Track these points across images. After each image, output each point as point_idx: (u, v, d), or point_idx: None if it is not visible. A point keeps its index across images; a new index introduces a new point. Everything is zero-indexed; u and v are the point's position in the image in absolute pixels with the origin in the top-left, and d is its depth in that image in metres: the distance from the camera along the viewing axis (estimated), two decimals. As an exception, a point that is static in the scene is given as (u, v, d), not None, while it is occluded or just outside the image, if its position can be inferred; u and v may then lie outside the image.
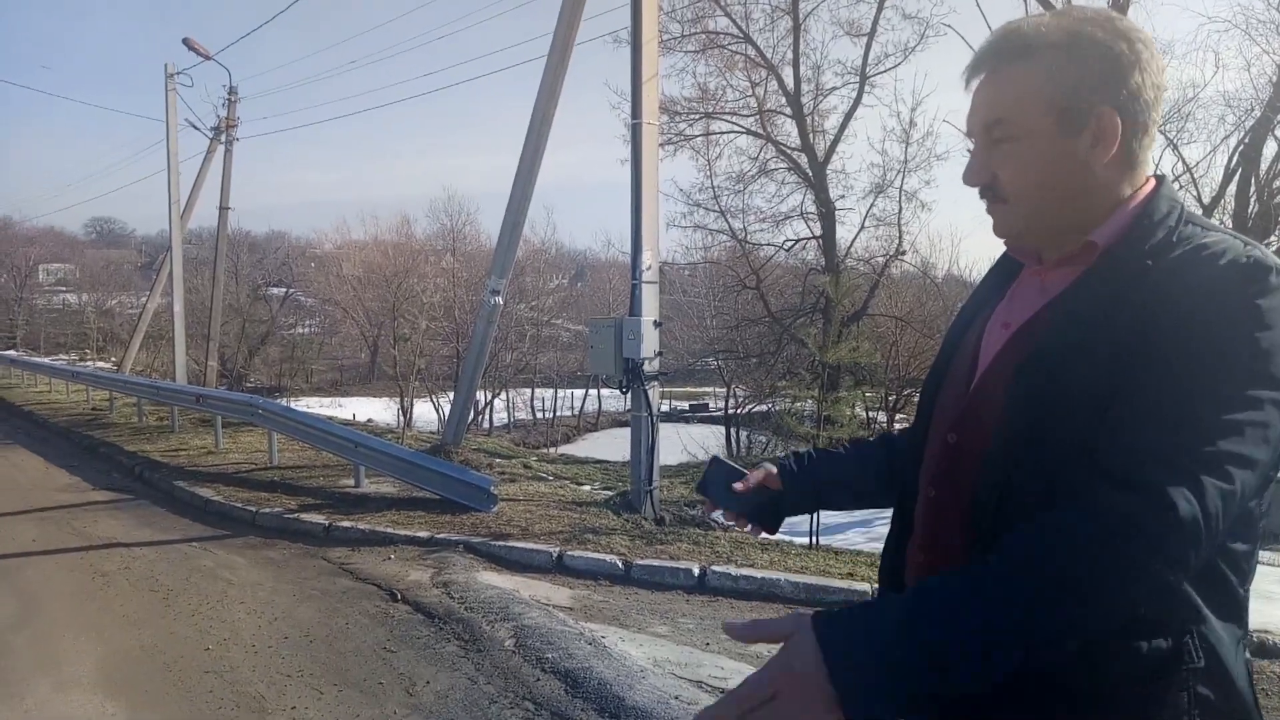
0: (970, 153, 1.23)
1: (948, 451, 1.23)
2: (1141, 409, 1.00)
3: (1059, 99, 1.12)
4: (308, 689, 4.19)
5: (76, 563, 6.53)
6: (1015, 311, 1.23)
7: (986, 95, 1.17)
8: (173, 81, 18.87)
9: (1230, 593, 1.07)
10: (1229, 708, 1.05)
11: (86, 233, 77.22)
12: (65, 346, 40.70)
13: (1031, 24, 1.15)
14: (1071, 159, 1.14)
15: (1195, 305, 1.02)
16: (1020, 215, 1.17)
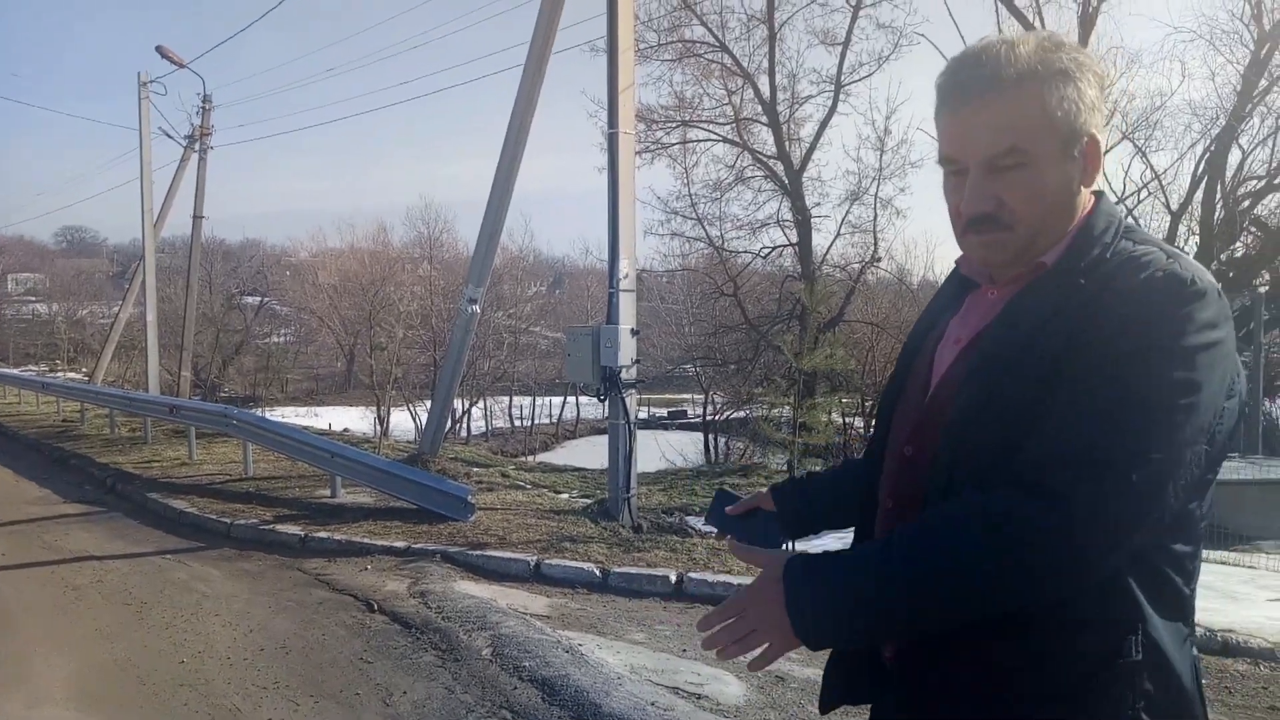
0: (952, 180, 1.22)
1: (905, 464, 1.27)
2: (1059, 416, 1.06)
3: (1062, 125, 1.15)
4: (284, 700, 4.18)
5: (48, 576, 6.46)
6: (966, 328, 1.28)
7: (992, 123, 1.15)
8: (146, 90, 18.74)
9: (1174, 592, 1.13)
10: (1172, 701, 1.11)
11: (57, 242, 76.30)
12: (35, 357, 40.13)
13: (1015, 52, 1.15)
14: (1068, 183, 1.18)
15: (1116, 316, 1.07)
16: (1024, 239, 1.19)
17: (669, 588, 5.93)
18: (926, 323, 1.39)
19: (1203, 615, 5.67)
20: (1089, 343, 1.07)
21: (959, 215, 1.21)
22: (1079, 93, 1.15)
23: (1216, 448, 1.09)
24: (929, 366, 1.30)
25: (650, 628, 5.25)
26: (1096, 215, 1.20)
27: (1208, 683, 4.69)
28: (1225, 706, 4.45)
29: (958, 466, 1.15)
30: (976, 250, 1.23)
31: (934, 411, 1.24)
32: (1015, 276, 1.23)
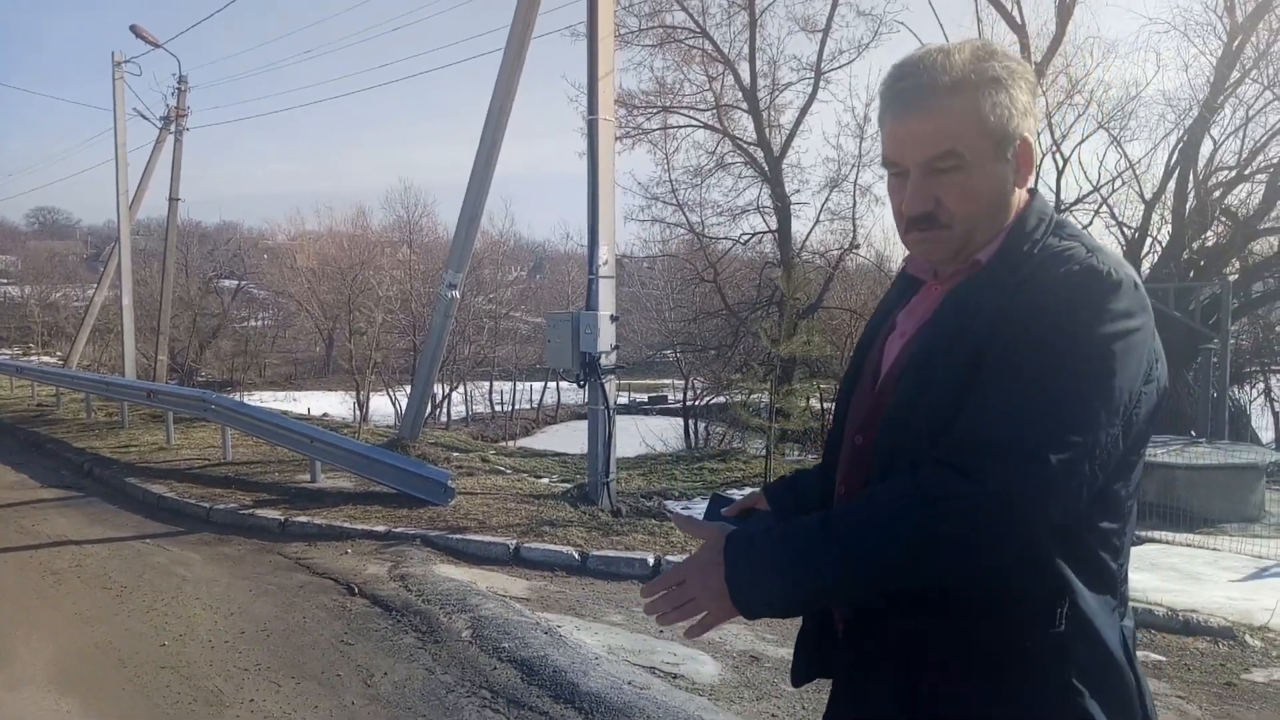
0: (894, 182, 1.28)
1: (855, 453, 1.35)
2: (981, 401, 1.14)
3: (994, 130, 1.23)
4: (266, 682, 4.23)
5: (25, 561, 6.46)
6: (910, 321, 1.36)
7: (929, 129, 1.22)
8: (120, 70, 18.48)
9: (1102, 567, 1.21)
10: (1101, 668, 1.20)
11: (29, 223, 75.13)
12: (8, 341, 39.59)
13: (950, 60, 1.23)
14: (1003, 184, 1.26)
15: (1037, 308, 1.15)
16: (959, 238, 1.26)
17: (647, 570, 6.02)
18: (879, 318, 1.47)
19: (1166, 596, 5.84)
20: (1011, 333, 1.15)
21: (901, 215, 1.28)
22: (1011, 99, 1.23)
23: (1135, 430, 1.17)
24: (879, 359, 1.38)
25: (628, 609, 5.34)
26: (1029, 213, 1.28)
27: (1168, 660, 4.86)
28: (1184, 683, 4.60)
29: (896, 452, 1.23)
30: (918, 247, 1.31)
31: (881, 402, 1.32)
32: (955, 272, 1.31)
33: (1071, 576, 1.18)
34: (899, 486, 1.15)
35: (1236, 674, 4.68)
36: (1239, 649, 5.06)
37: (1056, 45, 15.31)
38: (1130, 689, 1.22)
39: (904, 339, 1.34)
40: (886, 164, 1.29)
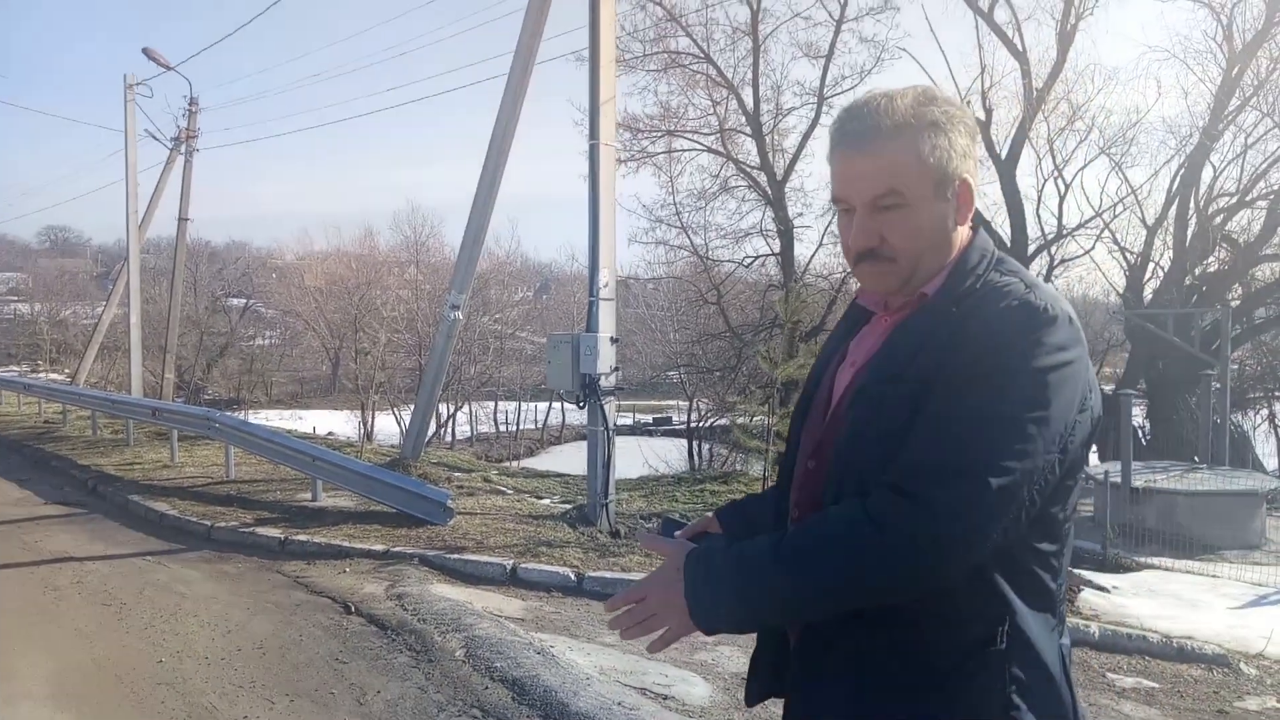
0: (844, 219, 1.35)
1: (807, 477, 1.41)
2: (924, 429, 1.21)
3: (934, 170, 1.30)
4: (260, 699, 4.27)
5: (27, 577, 6.52)
6: (860, 351, 1.42)
7: (873, 168, 1.29)
8: (132, 92, 18.75)
9: (1040, 586, 1.28)
10: (1041, 685, 1.25)
11: (40, 241, 75.74)
12: (17, 357, 39.82)
13: (893, 105, 1.30)
14: (944, 221, 1.34)
15: (976, 341, 1.22)
16: (905, 271, 1.33)
17: (642, 592, 6.05)
18: (831, 347, 1.53)
19: (1163, 622, 5.84)
20: (953, 364, 1.22)
21: (848, 249, 1.36)
22: (950, 142, 1.31)
23: (1070, 457, 1.23)
24: (830, 387, 1.44)
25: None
26: (971, 249, 1.35)
27: (1161, 687, 4.87)
28: (1176, 710, 4.60)
29: (846, 477, 1.29)
30: (868, 281, 1.39)
31: (832, 428, 1.38)
32: (903, 305, 1.38)
33: (1012, 596, 1.24)
34: (847, 509, 1.22)
35: (1230, 701, 4.69)
36: (1233, 676, 5.06)
37: (1058, 72, 15.46)
38: (1067, 706, 1.28)
39: (854, 368, 1.40)
40: (835, 201, 1.36)
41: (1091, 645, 5.44)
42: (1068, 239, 16.95)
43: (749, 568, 1.25)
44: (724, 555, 1.29)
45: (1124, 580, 7.14)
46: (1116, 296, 18.08)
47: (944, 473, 1.16)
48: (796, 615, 1.32)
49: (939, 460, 1.17)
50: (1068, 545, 1.31)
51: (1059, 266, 17.48)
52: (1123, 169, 16.54)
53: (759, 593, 1.24)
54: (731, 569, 1.26)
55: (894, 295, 1.38)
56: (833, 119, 1.38)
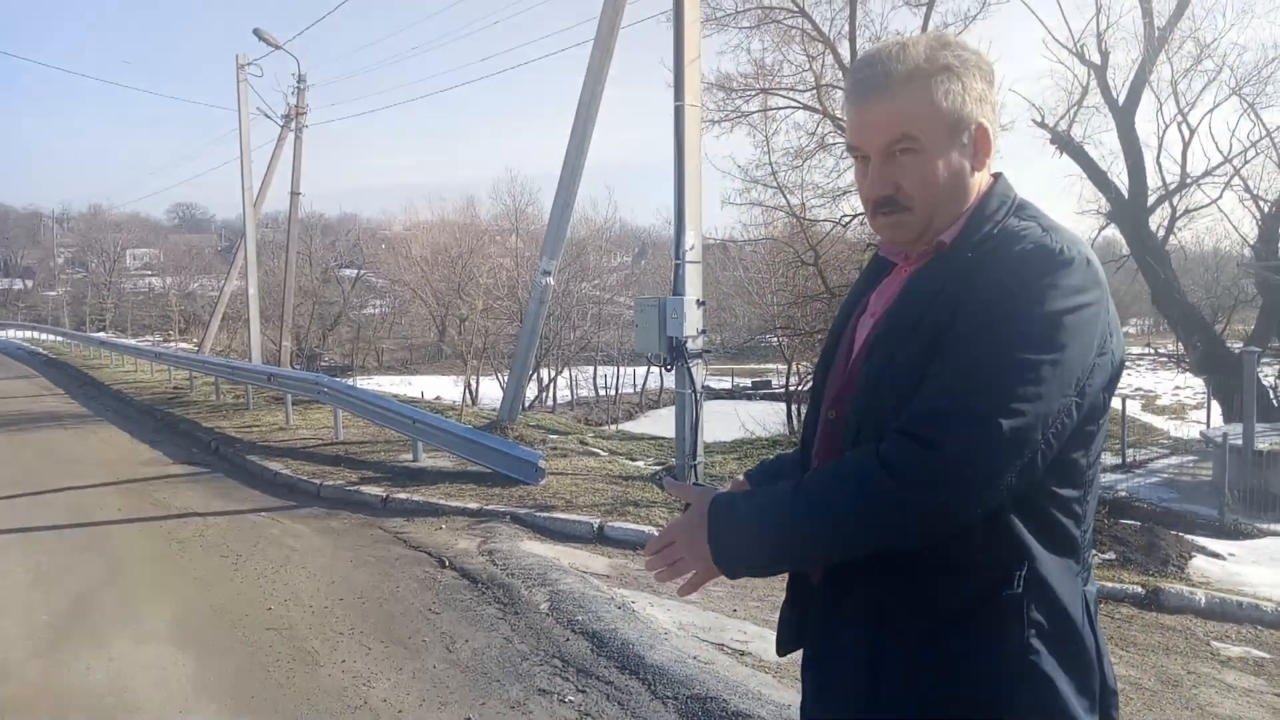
0: (859, 167, 1.35)
1: (827, 427, 1.42)
2: (938, 374, 1.20)
3: (948, 115, 1.29)
4: (358, 645, 4.53)
5: (156, 530, 7.05)
6: (880, 303, 1.42)
7: (885, 115, 1.29)
8: (244, 72, 19.58)
9: (1063, 532, 1.27)
10: (1060, 630, 1.25)
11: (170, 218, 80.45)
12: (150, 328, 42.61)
13: (905, 51, 1.29)
14: (960, 167, 1.32)
15: (992, 285, 1.20)
16: (923, 219, 1.32)
17: (726, 551, 6.09)
18: (852, 299, 1.53)
19: (1268, 590, 5.54)
20: (966, 310, 1.20)
21: (866, 199, 1.35)
22: (964, 87, 1.28)
23: (1088, 401, 1.20)
24: (852, 338, 1.44)
25: (704, 589, 5.42)
26: (990, 196, 1.33)
27: (1271, 658, 4.64)
28: (1269, 677, 4.39)
29: (864, 426, 1.29)
30: (884, 230, 1.37)
31: (851, 379, 1.38)
32: (922, 254, 1.36)
33: (1030, 541, 1.23)
34: (861, 455, 1.22)
35: (1346, 675, 4.42)
36: (1353, 649, 4.77)
37: (1184, 7, 14.37)
38: (1089, 651, 1.27)
39: (874, 318, 1.40)
40: (850, 150, 1.35)
41: (1197, 613, 5.21)
42: (1192, 188, 15.85)
43: (767, 512, 1.27)
44: (746, 500, 1.32)
45: (1241, 547, 6.78)
46: (1247, 248, 16.90)
47: (955, 417, 1.15)
48: (812, 559, 1.34)
49: (950, 405, 1.16)
50: (1092, 492, 1.29)
51: (1182, 218, 16.38)
52: (1257, 110, 15.32)
53: (776, 536, 1.26)
54: (753, 513, 1.29)
55: (913, 245, 1.37)
56: (848, 75, 1.38)
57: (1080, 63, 14.77)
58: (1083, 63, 14.74)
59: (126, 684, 4.13)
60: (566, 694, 3.89)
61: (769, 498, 1.29)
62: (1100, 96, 14.74)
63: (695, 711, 3.65)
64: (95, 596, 5.40)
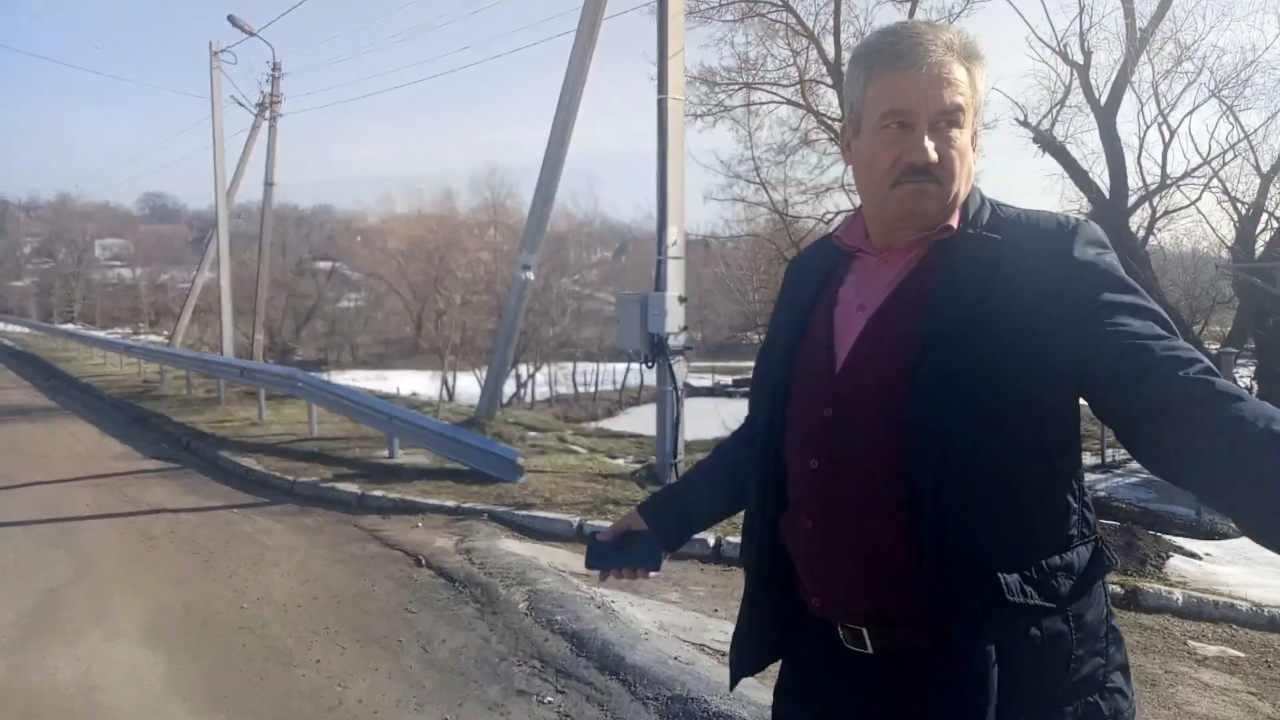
0: (894, 133, 1.29)
1: (826, 425, 1.34)
2: (1137, 339, 1.16)
3: (977, 99, 1.31)
4: (332, 644, 4.45)
5: (126, 526, 6.91)
6: (869, 294, 1.37)
7: (939, 81, 1.26)
8: (217, 59, 19.29)
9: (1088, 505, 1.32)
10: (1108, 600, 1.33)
11: (140, 208, 79.42)
12: (120, 320, 42.01)
13: (943, 31, 1.30)
14: (971, 150, 1.32)
15: (1059, 259, 1.24)
16: (947, 194, 1.30)
17: (707, 550, 6.06)
18: (808, 295, 1.46)
19: (1255, 591, 5.60)
20: (1061, 287, 1.21)
21: (892, 166, 1.29)
22: (986, 80, 1.32)
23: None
24: (829, 334, 1.39)
25: (685, 588, 5.40)
26: (974, 190, 1.36)
27: (1247, 656, 4.69)
28: (1260, 679, 4.41)
29: (949, 430, 1.22)
30: (906, 200, 1.31)
31: (854, 376, 1.33)
32: (913, 243, 1.34)
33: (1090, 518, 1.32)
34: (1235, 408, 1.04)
35: (1322, 673, 4.46)
36: (1327, 647, 4.81)
37: (1165, 9, 14.49)
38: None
39: (863, 312, 1.35)
40: (888, 116, 1.29)
41: (1174, 612, 5.24)
42: (1172, 189, 16.02)
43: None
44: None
45: (1218, 547, 6.84)
46: (1225, 250, 17.10)
47: (1190, 354, 1.13)
48: None
49: (1181, 350, 1.13)
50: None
51: (1162, 218, 16.53)
52: (1235, 112, 15.49)
53: None
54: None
55: (920, 222, 1.33)
56: (868, 42, 1.34)
57: (1063, 62, 14.88)
58: (1066, 62, 14.84)
59: (95, 683, 4.02)
60: (545, 695, 3.83)
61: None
62: (1083, 96, 14.85)
63: (676, 712, 3.61)
64: (63, 594, 5.27)
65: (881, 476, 1.28)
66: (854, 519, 1.32)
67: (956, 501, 1.21)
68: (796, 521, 1.41)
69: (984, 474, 1.21)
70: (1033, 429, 1.22)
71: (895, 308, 1.33)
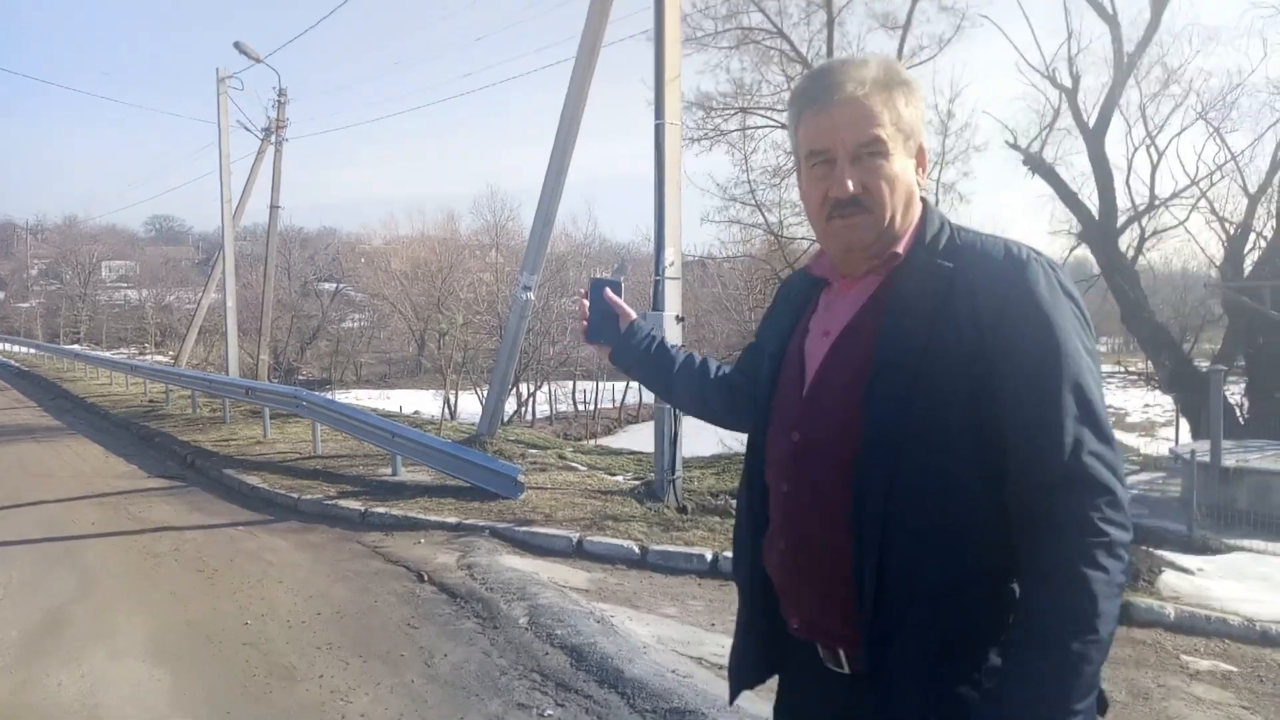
0: (819, 171, 1.37)
1: (793, 449, 1.41)
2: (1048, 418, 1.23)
3: (905, 126, 1.35)
4: (336, 660, 4.52)
5: (131, 544, 6.98)
6: (833, 320, 1.43)
7: (859, 117, 1.32)
8: (224, 85, 19.52)
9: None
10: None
11: (146, 230, 79.70)
12: (126, 341, 42.16)
13: (864, 65, 1.35)
14: (912, 178, 1.38)
15: (1004, 295, 1.27)
16: (880, 223, 1.35)
17: (705, 565, 6.13)
18: (788, 320, 1.54)
19: (1247, 606, 5.64)
20: (1007, 336, 1.25)
21: (823, 203, 1.37)
22: (916, 103, 1.36)
23: None
24: (800, 360, 1.46)
25: (683, 603, 5.46)
26: (930, 213, 1.40)
27: (1240, 670, 4.74)
28: (1253, 694, 4.46)
29: (880, 448, 1.29)
30: (841, 235, 1.38)
31: (817, 399, 1.40)
32: (870, 269, 1.40)
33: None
34: (1070, 558, 1.19)
35: (1312, 687, 4.51)
36: (1318, 663, 4.86)
37: (1151, 34, 14.71)
38: None
39: (829, 338, 1.42)
40: (812, 155, 1.37)
41: (1167, 627, 5.30)
42: (1161, 210, 16.18)
43: (1077, 687, 1.20)
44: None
45: (1210, 563, 6.89)
46: (1214, 269, 17.23)
47: (1097, 454, 1.21)
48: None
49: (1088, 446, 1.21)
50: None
51: (1151, 239, 16.70)
52: (1222, 134, 15.72)
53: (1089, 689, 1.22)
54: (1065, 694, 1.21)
55: (862, 253, 1.39)
56: (795, 86, 1.43)
57: (1052, 86, 15.08)
58: (1054, 86, 15.04)
59: (100, 700, 4.09)
60: (545, 708, 3.90)
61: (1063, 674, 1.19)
62: (1071, 119, 15.04)
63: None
64: (68, 611, 5.34)
65: (840, 500, 1.32)
66: (819, 542, 1.37)
67: (899, 525, 1.27)
68: (774, 543, 1.46)
69: (929, 500, 1.26)
70: (980, 458, 1.26)
71: (852, 335, 1.38)
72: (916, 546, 1.26)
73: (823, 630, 1.40)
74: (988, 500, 1.26)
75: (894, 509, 1.27)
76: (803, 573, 1.39)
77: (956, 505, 1.26)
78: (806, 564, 1.38)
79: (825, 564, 1.35)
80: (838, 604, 1.34)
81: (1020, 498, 1.24)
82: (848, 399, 1.34)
